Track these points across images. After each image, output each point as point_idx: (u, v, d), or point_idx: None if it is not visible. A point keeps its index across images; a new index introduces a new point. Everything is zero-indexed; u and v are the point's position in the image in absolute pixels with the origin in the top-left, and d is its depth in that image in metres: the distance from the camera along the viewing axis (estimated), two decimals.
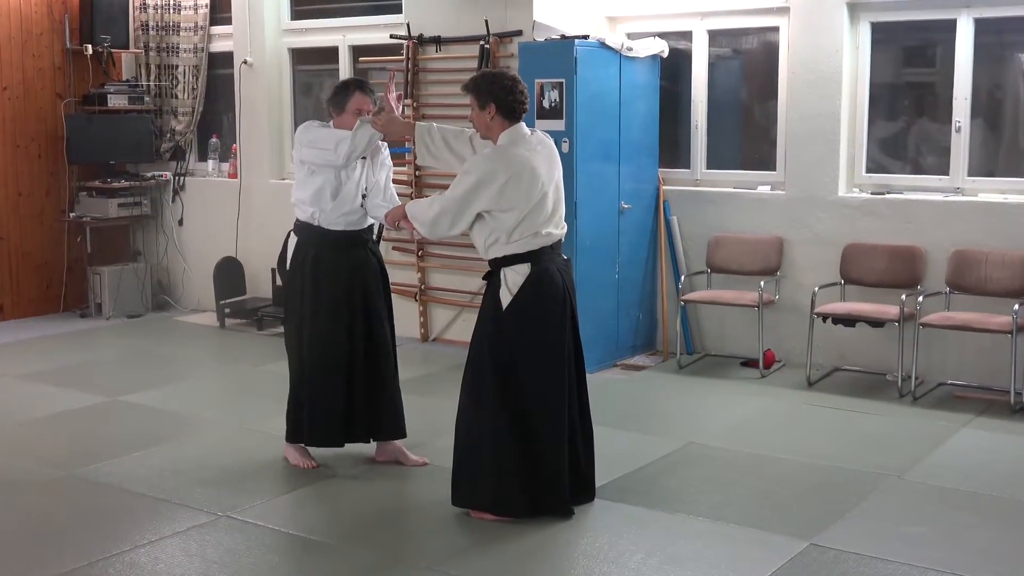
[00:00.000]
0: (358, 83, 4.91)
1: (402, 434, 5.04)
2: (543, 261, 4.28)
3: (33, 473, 5.02)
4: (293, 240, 4.96)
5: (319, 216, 4.84)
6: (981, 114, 6.44)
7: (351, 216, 4.90)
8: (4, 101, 8.41)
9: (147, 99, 8.89)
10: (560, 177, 4.40)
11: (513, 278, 4.27)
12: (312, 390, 4.88)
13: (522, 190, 4.20)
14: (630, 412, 5.99)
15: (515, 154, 4.24)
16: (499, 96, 4.26)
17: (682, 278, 7.03)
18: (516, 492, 4.33)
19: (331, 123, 4.87)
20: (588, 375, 6.55)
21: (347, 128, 4.76)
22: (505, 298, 4.28)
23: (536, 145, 4.32)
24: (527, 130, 4.35)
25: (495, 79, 4.33)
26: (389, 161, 5.06)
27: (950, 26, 6.34)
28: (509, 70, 7.10)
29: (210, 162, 8.95)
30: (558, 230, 4.35)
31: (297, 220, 4.93)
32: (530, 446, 4.31)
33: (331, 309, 4.86)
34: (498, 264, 4.32)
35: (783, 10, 6.79)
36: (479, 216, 4.28)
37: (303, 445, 5.01)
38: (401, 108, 4.74)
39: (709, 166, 7.25)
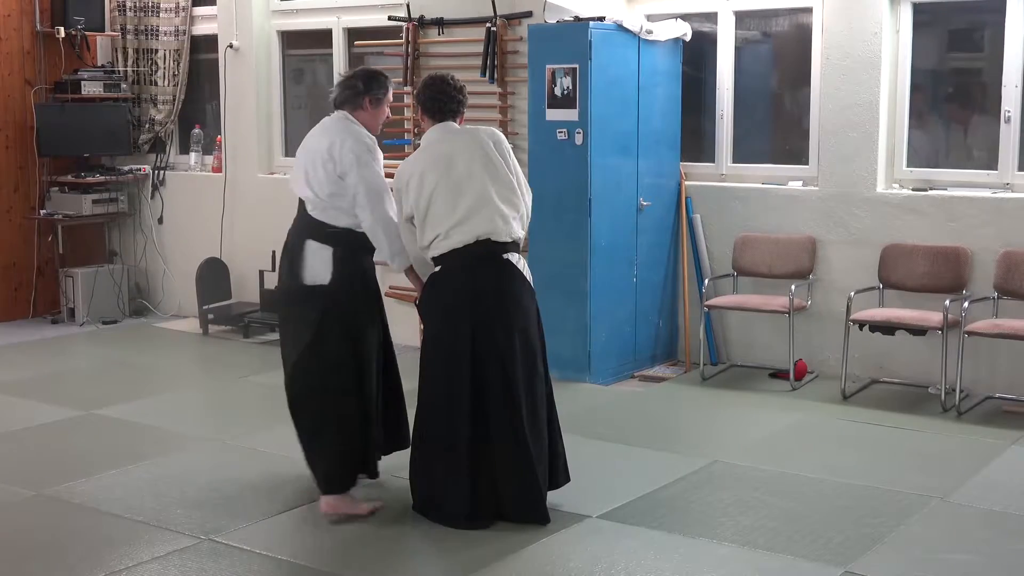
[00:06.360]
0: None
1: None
2: (448, 262, 4.52)
3: (0, 492, 5.04)
4: (318, 249, 4.64)
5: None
6: None
7: None
8: None
9: (124, 86, 8.93)
10: (498, 168, 4.53)
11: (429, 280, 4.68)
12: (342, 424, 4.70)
13: (422, 188, 4.48)
14: (649, 428, 6.01)
15: (420, 156, 4.58)
16: (420, 97, 4.67)
17: (706, 282, 7.05)
18: (417, 494, 4.67)
19: (356, 113, 4.71)
20: (603, 387, 6.68)
21: (375, 122, 4.76)
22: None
23: (458, 136, 4.58)
24: (453, 126, 4.63)
25: (423, 82, 4.73)
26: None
27: (999, 6, 6.34)
28: (517, 54, 7.16)
29: (192, 155, 8.98)
30: (477, 229, 4.46)
31: (326, 227, 4.62)
32: (424, 451, 4.63)
33: (379, 322, 4.88)
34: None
35: None
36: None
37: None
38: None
39: (735, 160, 7.26)
